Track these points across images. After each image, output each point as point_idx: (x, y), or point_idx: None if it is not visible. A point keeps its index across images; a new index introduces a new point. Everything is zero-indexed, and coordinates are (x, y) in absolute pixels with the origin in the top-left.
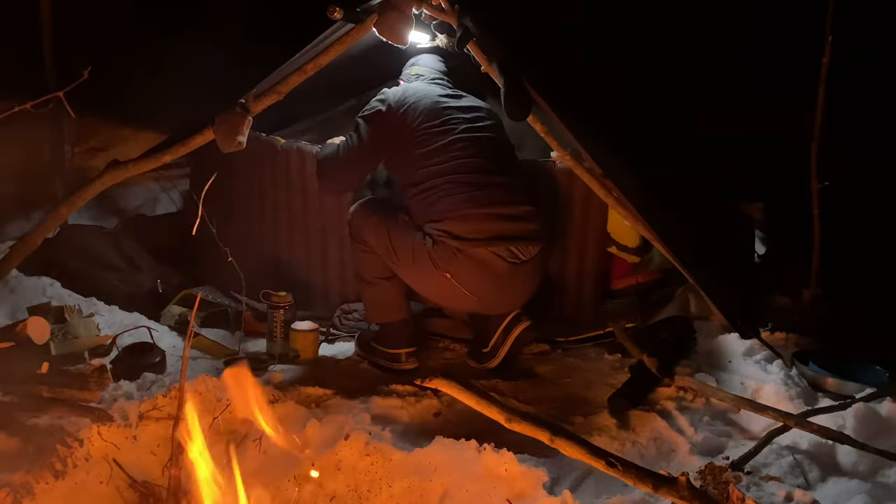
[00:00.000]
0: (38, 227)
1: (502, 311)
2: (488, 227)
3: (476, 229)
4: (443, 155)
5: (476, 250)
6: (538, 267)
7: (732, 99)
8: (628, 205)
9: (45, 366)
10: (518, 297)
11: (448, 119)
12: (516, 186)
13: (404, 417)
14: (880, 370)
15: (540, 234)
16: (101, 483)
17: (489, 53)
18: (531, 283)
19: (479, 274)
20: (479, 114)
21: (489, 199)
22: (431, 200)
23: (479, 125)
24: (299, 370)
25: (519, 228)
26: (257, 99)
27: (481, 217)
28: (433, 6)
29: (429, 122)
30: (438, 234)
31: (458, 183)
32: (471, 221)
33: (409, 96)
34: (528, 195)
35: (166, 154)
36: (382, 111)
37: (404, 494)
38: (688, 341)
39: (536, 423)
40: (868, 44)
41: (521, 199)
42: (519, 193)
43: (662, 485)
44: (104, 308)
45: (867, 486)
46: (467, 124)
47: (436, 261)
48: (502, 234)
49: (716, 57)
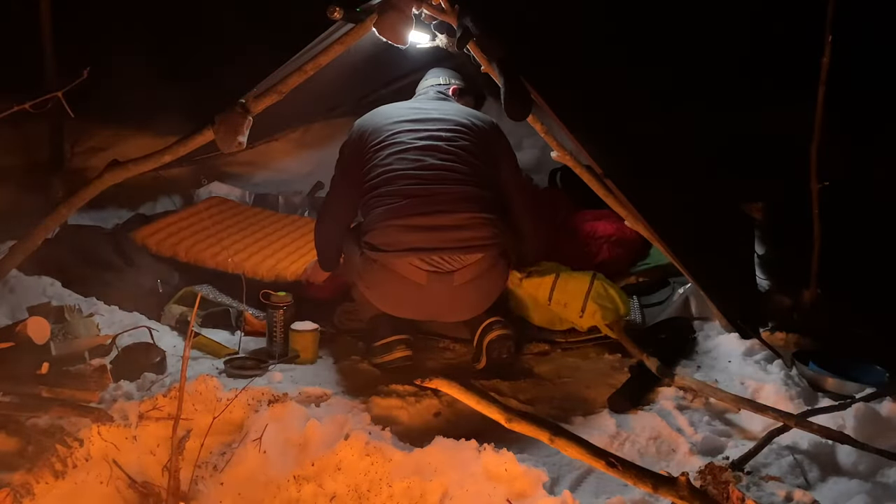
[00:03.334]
0: (38, 227)
1: (459, 318)
2: (406, 238)
3: (393, 241)
4: (378, 169)
5: (391, 261)
6: (483, 274)
7: (732, 98)
8: (628, 205)
9: (45, 366)
10: (467, 305)
11: (392, 133)
12: (456, 195)
13: (404, 417)
14: (880, 370)
15: (476, 243)
16: (101, 483)
17: (489, 53)
18: (476, 291)
19: (397, 284)
20: (435, 126)
21: (410, 210)
22: (365, 213)
23: (426, 136)
24: (299, 370)
25: (442, 238)
26: (257, 99)
27: (399, 228)
28: (433, 6)
29: (374, 139)
30: (364, 245)
31: (384, 195)
32: (389, 232)
33: (369, 119)
34: (474, 204)
35: (166, 154)
36: (347, 140)
37: (404, 494)
38: (688, 341)
39: (536, 423)
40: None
41: (456, 209)
42: (457, 203)
43: (662, 485)
44: (104, 308)
45: (867, 486)
46: (412, 136)
47: (360, 272)
48: (419, 244)
49: (716, 56)
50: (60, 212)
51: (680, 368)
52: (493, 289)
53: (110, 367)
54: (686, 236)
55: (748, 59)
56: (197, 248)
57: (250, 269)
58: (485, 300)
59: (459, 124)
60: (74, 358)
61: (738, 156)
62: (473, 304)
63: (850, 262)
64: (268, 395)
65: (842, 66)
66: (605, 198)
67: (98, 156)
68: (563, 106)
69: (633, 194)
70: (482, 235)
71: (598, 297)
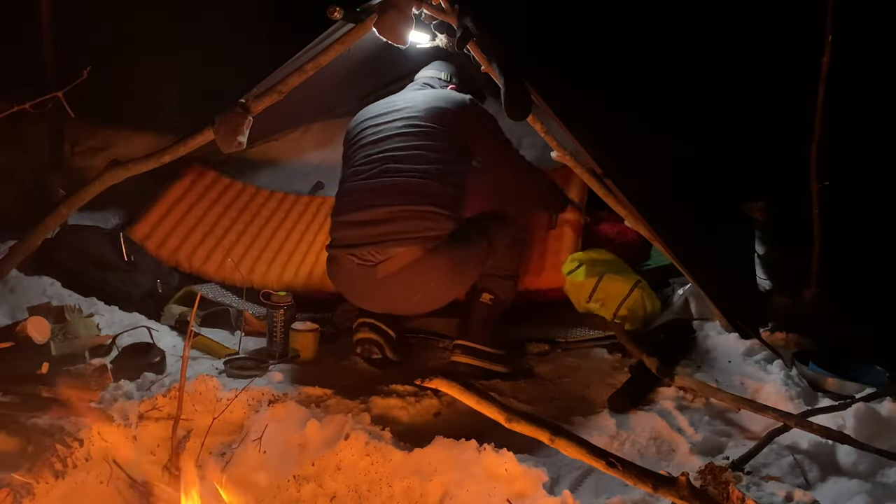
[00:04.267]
0: (38, 227)
1: (396, 310)
2: (342, 234)
3: (336, 236)
4: (345, 168)
5: (335, 254)
6: (408, 266)
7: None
8: (628, 205)
9: (45, 366)
10: (397, 297)
11: (360, 130)
12: (394, 188)
13: (404, 417)
14: (880, 370)
15: (400, 236)
16: (101, 483)
17: (489, 53)
18: (401, 284)
19: (344, 277)
20: (397, 118)
21: (347, 206)
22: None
23: (383, 131)
24: (299, 370)
25: (369, 233)
26: (257, 99)
27: (339, 224)
28: (433, 6)
29: (350, 137)
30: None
31: (339, 193)
32: (334, 228)
33: (354, 118)
34: (415, 195)
35: (166, 154)
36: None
37: (404, 494)
38: (688, 341)
39: (536, 423)
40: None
41: (391, 202)
42: (392, 196)
43: (662, 485)
44: (104, 308)
45: (867, 486)
46: (372, 131)
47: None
48: (350, 240)
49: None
50: (60, 212)
51: (680, 368)
52: (426, 282)
53: (110, 367)
54: (686, 236)
55: (748, 58)
56: (198, 254)
57: (258, 280)
58: (417, 292)
59: (424, 112)
60: (74, 358)
61: (738, 156)
62: (404, 296)
63: (850, 262)
64: (268, 395)
65: (842, 67)
66: (605, 198)
67: (98, 156)
68: (564, 106)
69: (633, 194)
70: (408, 228)
71: (634, 304)
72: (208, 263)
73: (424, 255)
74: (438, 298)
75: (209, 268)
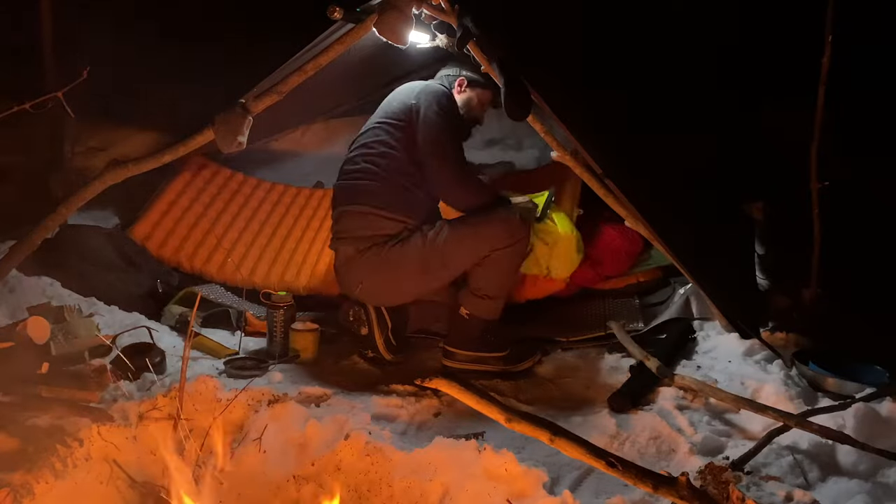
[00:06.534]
0: (38, 227)
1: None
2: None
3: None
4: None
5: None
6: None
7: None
8: (628, 205)
9: (45, 366)
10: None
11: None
12: (353, 190)
13: (404, 417)
14: (880, 370)
15: (342, 235)
16: (101, 483)
17: (489, 53)
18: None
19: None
20: (372, 122)
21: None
22: None
23: (364, 127)
24: (299, 370)
25: (334, 230)
26: (257, 99)
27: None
28: (433, 6)
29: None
30: None
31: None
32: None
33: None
34: (364, 196)
35: (166, 154)
36: None
37: (404, 494)
38: (688, 341)
39: (536, 423)
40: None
41: (351, 202)
42: (350, 197)
43: (662, 485)
44: (104, 308)
45: (867, 486)
46: (363, 129)
47: None
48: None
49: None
50: (60, 212)
51: (680, 368)
52: (360, 277)
53: (110, 367)
54: (686, 236)
55: (748, 58)
56: (200, 255)
57: (259, 281)
58: (356, 286)
59: (397, 108)
60: (74, 358)
61: (738, 156)
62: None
63: (850, 262)
64: (268, 395)
65: (842, 66)
66: (604, 198)
67: (98, 156)
68: (564, 106)
69: (633, 194)
70: (347, 228)
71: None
72: (209, 264)
73: (355, 255)
74: (387, 294)
75: (210, 268)
